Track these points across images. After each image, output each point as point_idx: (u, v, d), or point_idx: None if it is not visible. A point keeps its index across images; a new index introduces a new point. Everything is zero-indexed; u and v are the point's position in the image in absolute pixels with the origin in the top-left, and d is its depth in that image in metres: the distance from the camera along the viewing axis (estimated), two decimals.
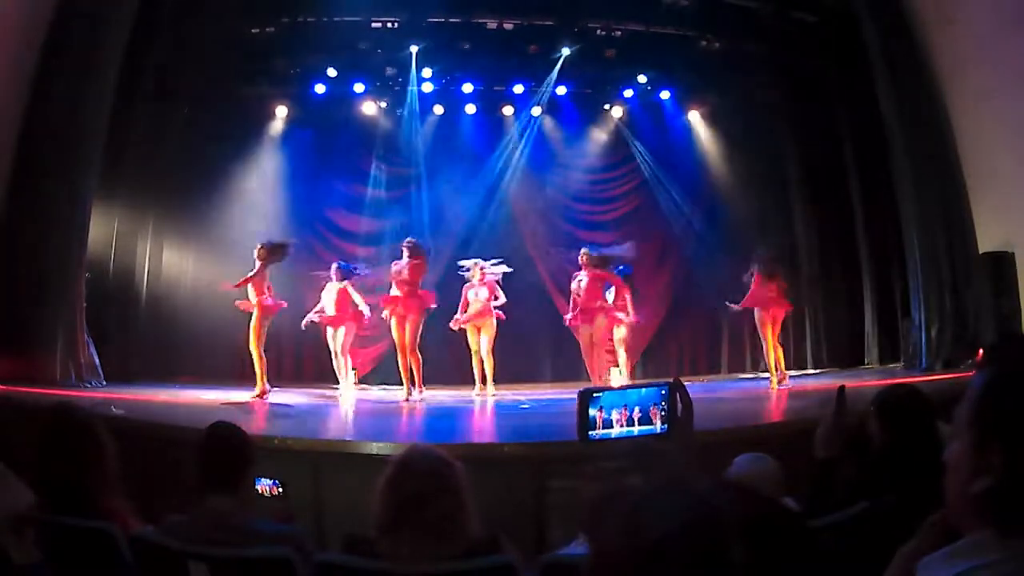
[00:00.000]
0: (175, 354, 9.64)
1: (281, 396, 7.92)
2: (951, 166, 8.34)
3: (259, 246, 7.78)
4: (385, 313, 7.79)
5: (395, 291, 7.70)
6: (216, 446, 2.46)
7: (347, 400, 8.09)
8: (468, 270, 8.41)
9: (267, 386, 7.61)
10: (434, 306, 7.88)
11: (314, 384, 9.59)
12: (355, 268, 8.71)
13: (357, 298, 8.37)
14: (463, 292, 8.39)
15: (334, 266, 8.56)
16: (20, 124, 7.48)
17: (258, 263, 7.66)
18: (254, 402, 7.36)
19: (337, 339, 8.47)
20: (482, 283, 8.32)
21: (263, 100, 10.57)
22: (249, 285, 7.65)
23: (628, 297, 8.38)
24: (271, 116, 10.58)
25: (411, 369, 7.65)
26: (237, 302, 7.86)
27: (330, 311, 8.41)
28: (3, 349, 6.91)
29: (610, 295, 8.28)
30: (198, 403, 7.16)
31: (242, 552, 2.18)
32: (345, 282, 8.42)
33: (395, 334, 7.71)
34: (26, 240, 7.41)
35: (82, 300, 7.96)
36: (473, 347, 8.36)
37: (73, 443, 2.49)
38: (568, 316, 8.11)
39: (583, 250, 8.03)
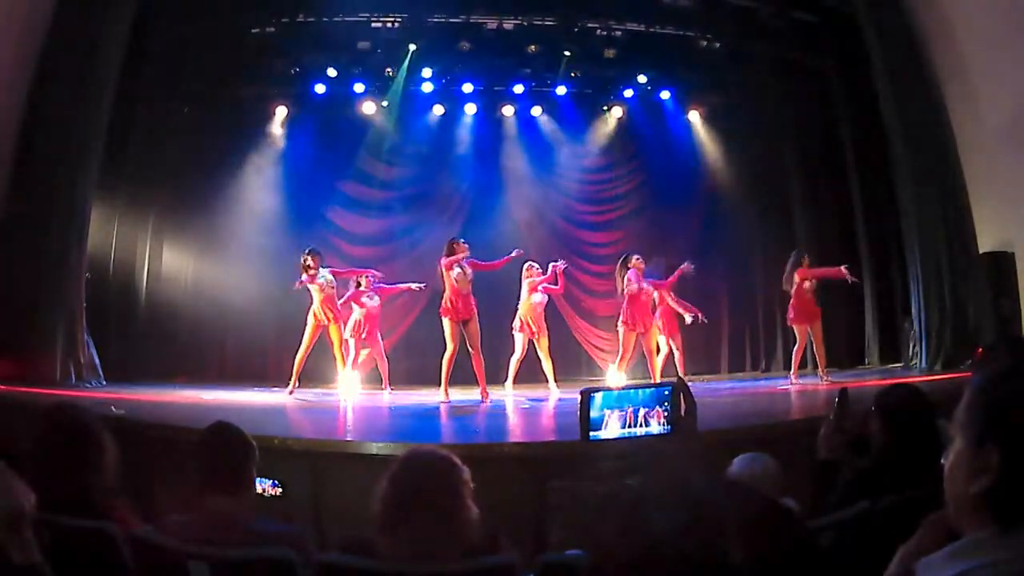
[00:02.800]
0: (175, 354, 9.64)
1: (282, 396, 7.93)
2: (951, 166, 8.34)
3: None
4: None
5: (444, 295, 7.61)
6: (216, 446, 2.46)
7: (388, 401, 8.15)
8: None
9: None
10: None
11: (313, 384, 9.59)
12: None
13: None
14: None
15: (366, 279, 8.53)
16: (20, 124, 7.48)
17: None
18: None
19: (377, 346, 8.62)
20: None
21: (263, 100, 10.57)
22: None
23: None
24: (271, 116, 10.58)
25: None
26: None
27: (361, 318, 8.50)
28: (3, 349, 6.91)
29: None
30: (198, 403, 7.17)
31: (242, 552, 2.18)
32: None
33: (454, 340, 7.48)
34: (26, 240, 7.42)
35: (82, 300, 7.97)
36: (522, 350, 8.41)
37: (73, 443, 2.49)
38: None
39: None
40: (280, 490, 3.07)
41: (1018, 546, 0.99)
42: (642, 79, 10.80)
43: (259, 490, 2.95)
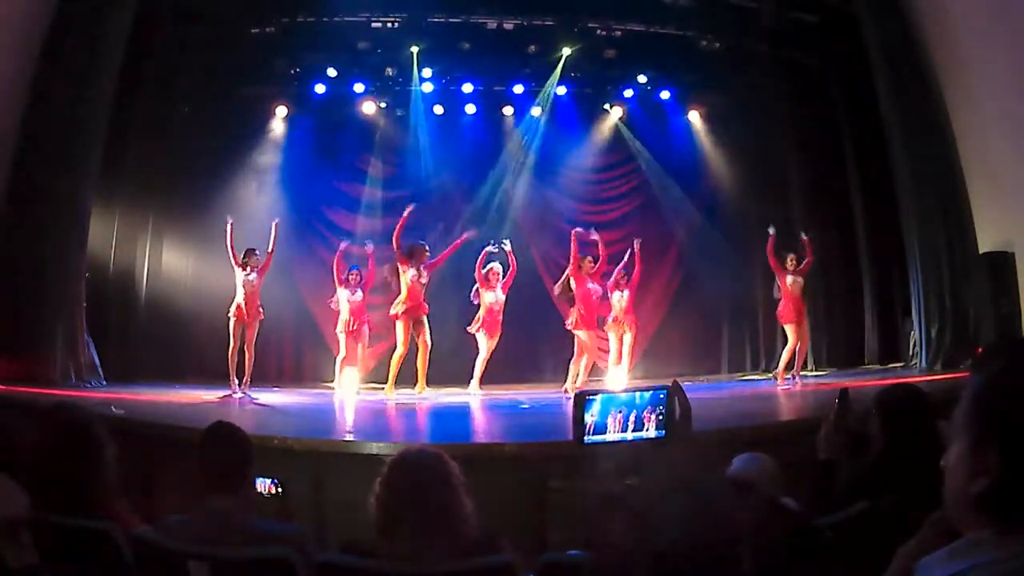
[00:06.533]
0: (175, 354, 9.64)
1: (283, 396, 7.93)
2: (951, 166, 8.34)
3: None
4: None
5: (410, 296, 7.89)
6: (216, 446, 2.46)
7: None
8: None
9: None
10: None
11: (314, 384, 9.61)
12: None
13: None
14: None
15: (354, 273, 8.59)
16: (20, 124, 7.48)
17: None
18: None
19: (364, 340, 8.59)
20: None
21: (263, 100, 10.56)
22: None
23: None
24: (271, 116, 10.57)
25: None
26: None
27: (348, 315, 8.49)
28: (3, 349, 6.91)
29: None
30: (198, 403, 7.17)
31: (242, 552, 2.18)
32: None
33: (405, 336, 7.85)
34: (26, 240, 7.41)
35: (82, 300, 7.97)
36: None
37: (73, 443, 2.49)
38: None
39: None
40: (280, 490, 3.07)
41: (1017, 546, 0.99)
42: (642, 79, 10.80)
43: (259, 490, 2.95)
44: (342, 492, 4.14)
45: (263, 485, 3.02)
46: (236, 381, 7.94)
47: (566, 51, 10.32)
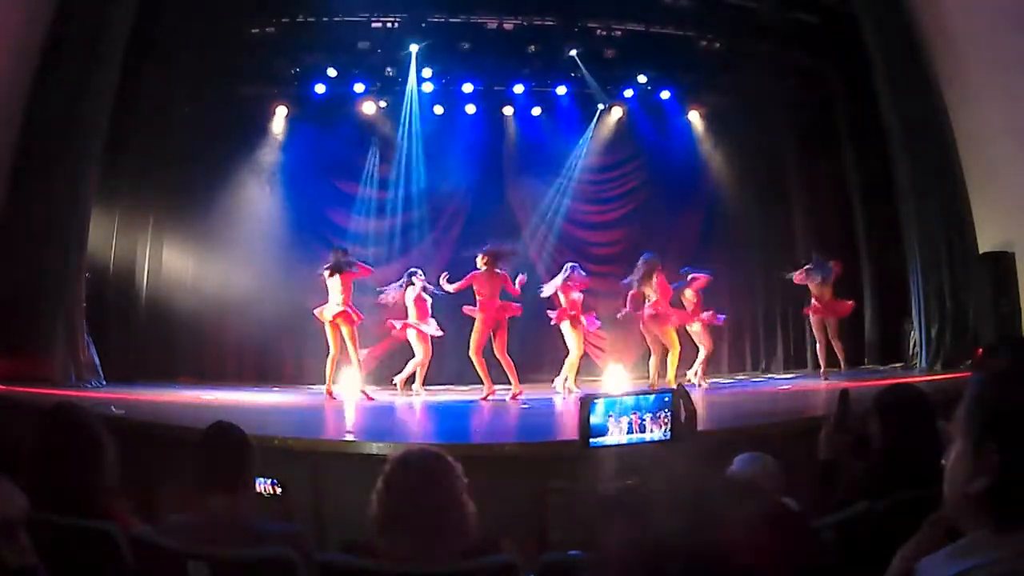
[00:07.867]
0: (175, 354, 9.64)
1: (282, 396, 7.93)
2: (951, 166, 8.34)
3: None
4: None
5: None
6: (216, 446, 2.46)
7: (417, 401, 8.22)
8: None
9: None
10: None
11: (314, 384, 9.59)
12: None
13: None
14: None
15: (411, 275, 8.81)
16: (20, 123, 7.48)
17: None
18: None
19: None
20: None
21: (263, 100, 10.56)
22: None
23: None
24: (271, 116, 10.57)
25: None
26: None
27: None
28: (3, 349, 6.91)
29: None
30: (198, 403, 7.17)
31: (242, 552, 2.18)
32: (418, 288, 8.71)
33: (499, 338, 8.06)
34: (26, 240, 7.41)
35: (82, 300, 7.96)
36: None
37: (73, 443, 2.49)
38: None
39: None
40: (280, 490, 3.07)
41: (1017, 545, 0.99)
42: (642, 79, 10.80)
43: (259, 490, 2.95)
44: (342, 492, 4.15)
45: (263, 485, 3.02)
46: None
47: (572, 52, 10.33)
